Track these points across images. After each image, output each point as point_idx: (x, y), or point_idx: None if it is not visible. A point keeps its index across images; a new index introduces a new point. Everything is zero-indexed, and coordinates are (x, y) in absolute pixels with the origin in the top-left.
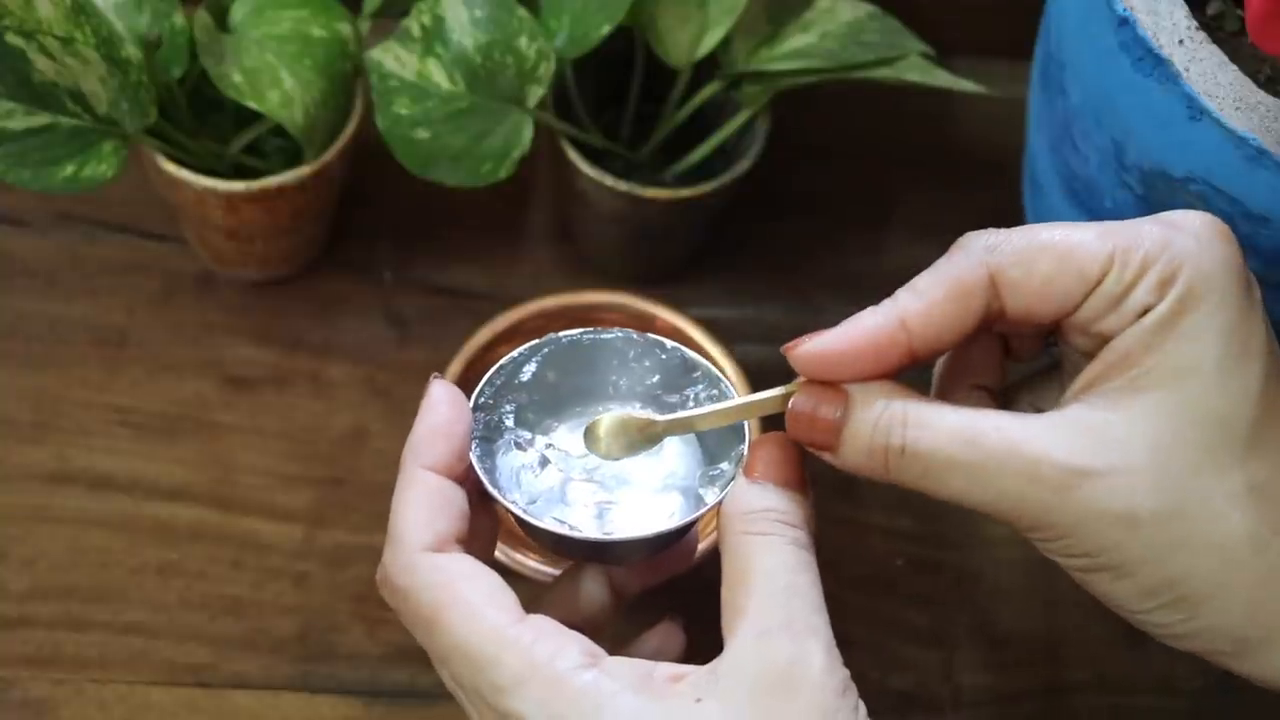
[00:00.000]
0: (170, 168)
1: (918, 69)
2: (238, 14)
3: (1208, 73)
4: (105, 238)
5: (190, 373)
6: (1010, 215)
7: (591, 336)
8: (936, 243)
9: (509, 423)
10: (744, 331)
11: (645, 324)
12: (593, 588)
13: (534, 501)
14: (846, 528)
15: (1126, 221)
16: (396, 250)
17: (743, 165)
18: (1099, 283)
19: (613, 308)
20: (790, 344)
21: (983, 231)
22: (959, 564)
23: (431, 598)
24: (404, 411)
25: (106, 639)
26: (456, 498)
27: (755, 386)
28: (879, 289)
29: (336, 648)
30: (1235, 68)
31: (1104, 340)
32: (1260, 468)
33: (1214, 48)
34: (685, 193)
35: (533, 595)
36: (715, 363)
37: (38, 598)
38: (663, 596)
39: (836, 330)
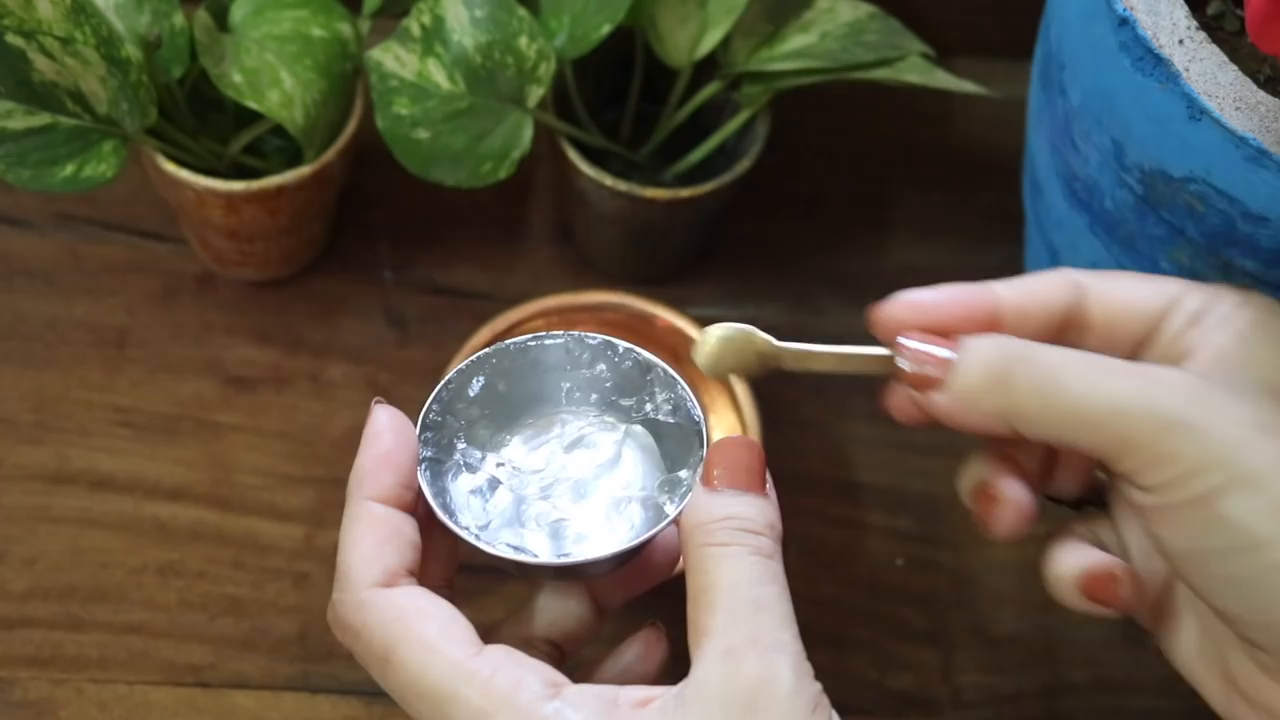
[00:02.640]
0: (170, 168)
1: (918, 69)
2: (238, 14)
3: (1208, 73)
4: (105, 238)
5: (190, 373)
6: (1010, 215)
7: (538, 342)
8: (936, 243)
9: (459, 442)
10: None
11: (645, 324)
12: (571, 604)
13: (487, 525)
14: (846, 528)
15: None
16: (396, 250)
17: (743, 165)
18: (1178, 300)
19: (613, 308)
20: (881, 302)
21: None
22: (958, 564)
23: (384, 635)
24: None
25: (106, 639)
26: (405, 528)
27: (755, 386)
28: (879, 289)
29: (336, 648)
30: (1235, 68)
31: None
32: None
33: (1214, 48)
34: (685, 193)
35: (510, 610)
36: None
37: (38, 598)
38: (649, 601)
39: (922, 289)
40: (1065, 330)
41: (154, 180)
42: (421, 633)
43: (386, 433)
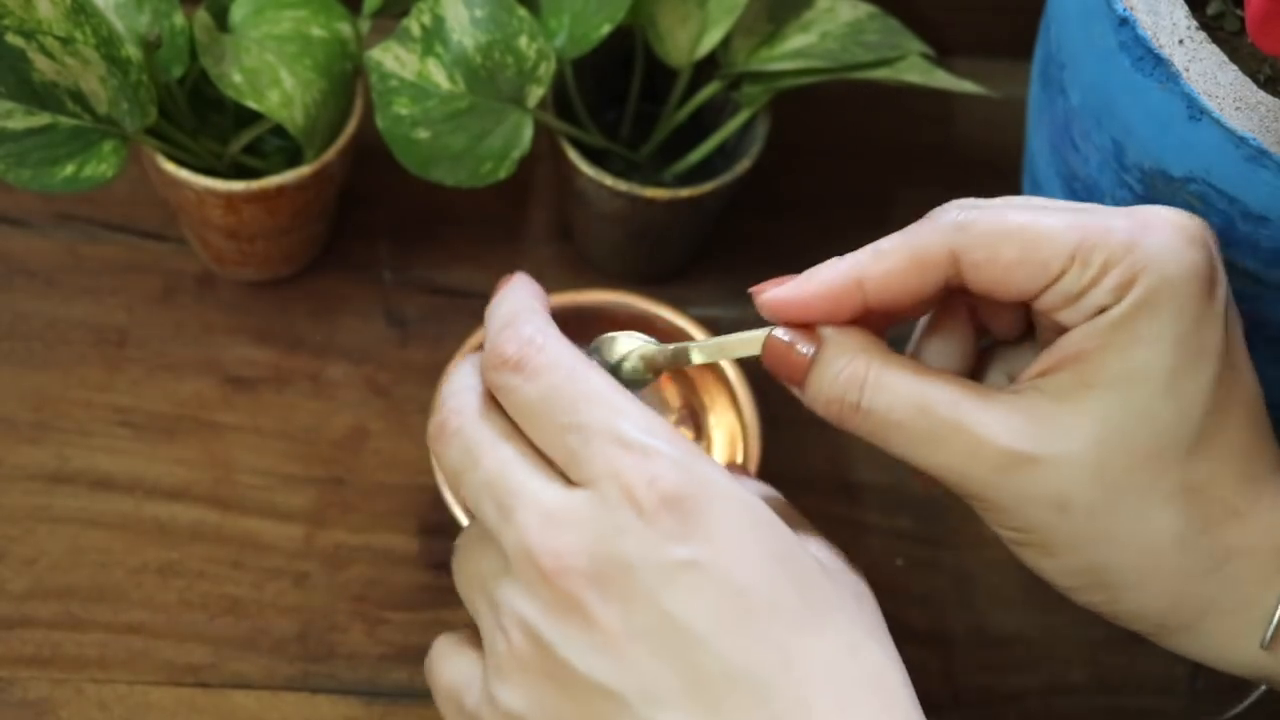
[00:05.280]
0: (170, 168)
1: (918, 69)
2: (238, 14)
3: (1208, 73)
4: (105, 238)
5: (190, 373)
6: None
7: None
8: None
9: None
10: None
11: (645, 324)
12: None
13: None
14: (846, 528)
15: (1099, 210)
16: (396, 250)
17: (743, 165)
18: (1060, 277)
19: (613, 307)
20: (757, 287)
21: (956, 204)
22: (958, 564)
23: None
24: (404, 411)
25: (106, 639)
26: None
27: (756, 386)
28: None
29: (336, 648)
30: (1235, 68)
31: (1063, 329)
32: (1199, 467)
33: (1214, 48)
34: (685, 193)
35: None
36: (717, 363)
37: (38, 598)
38: None
39: (798, 279)
40: (947, 298)
41: (154, 180)
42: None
43: (522, 284)
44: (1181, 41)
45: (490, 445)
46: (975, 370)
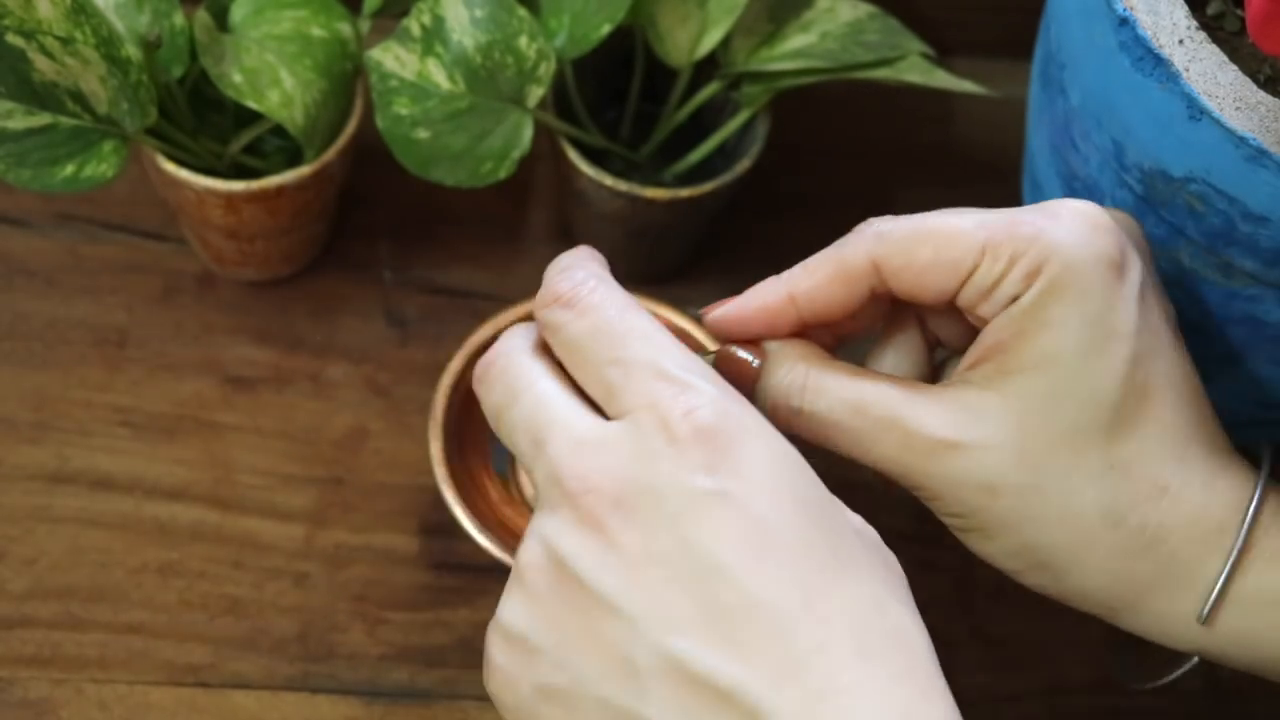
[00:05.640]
0: (170, 168)
1: (918, 69)
2: (238, 14)
3: (1208, 73)
4: (105, 238)
5: (190, 373)
6: None
7: None
8: None
9: None
10: None
11: None
12: None
13: None
14: None
15: (1009, 211)
16: (396, 250)
17: (743, 165)
18: (972, 273)
19: None
20: (704, 309)
21: (879, 218)
22: (958, 564)
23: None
24: (404, 411)
25: (106, 639)
26: None
27: None
28: None
29: (336, 648)
30: (1235, 68)
31: (985, 323)
32: (1122, 446)
33: (1214, 48)
34: (685, 193)
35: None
36: None
37: (38, 598)
38: None
39: (738, 299)
40: (877, 299)
41: (154, 180)
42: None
43: (586, 248)
44: (1181, 41)
45: (532, 381)
46: (932, 381)
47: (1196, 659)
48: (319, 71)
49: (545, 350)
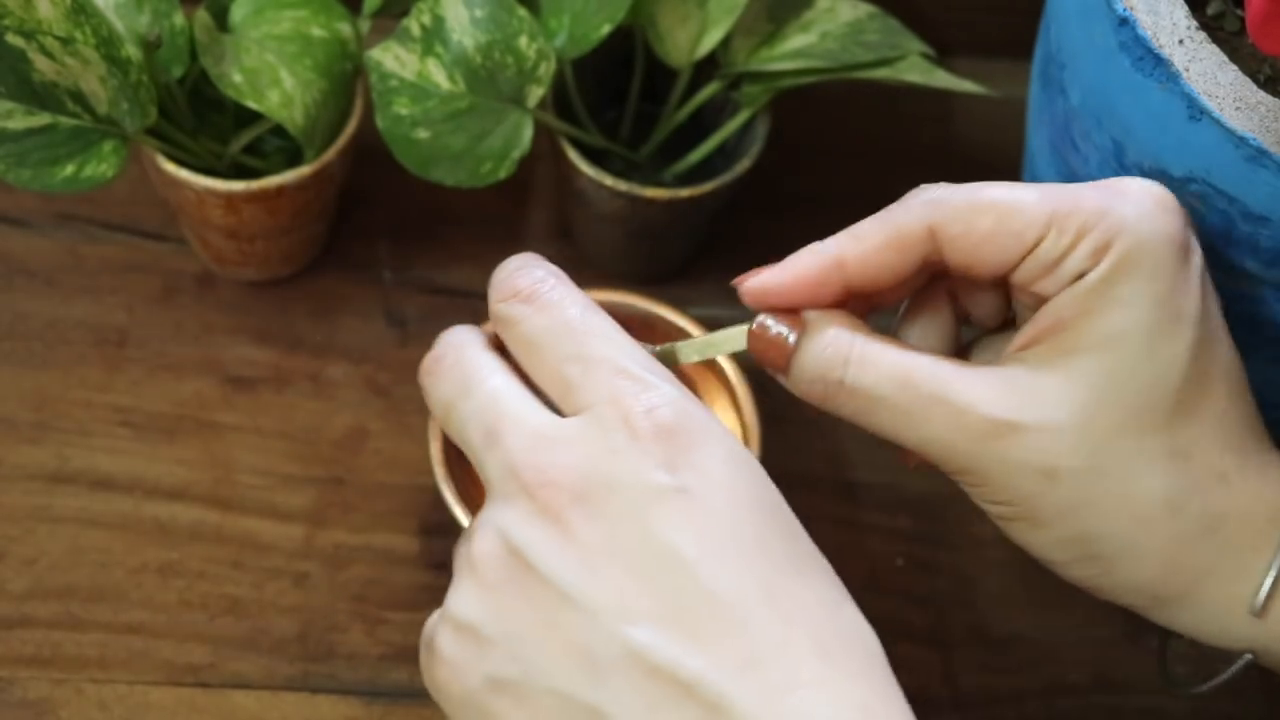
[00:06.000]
0: (170, 168)
1: (918, 69)
2: (238, 14)
3: (1208, 73)
4: (105, 238)
5: (190, 373)
6: None
7: None
8: None
9: None
10: None
11: (646, 324)
12: None
13: None
14: (846, 528)
15: (1071, 185)
16: (396, 250)
17: (743, 165)
18: (1036, 245)
19: (613, 307)
20: (739, 278)
21: (933, 185)
22: (958, 564)
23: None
24: (404, 411)
25: (106, 639)
26: None
27: (756, 385)
28: None
29: (336, 648)
30: (1235, 68)
31: (1042, 300)
32: (1183, 432)
33: (1214, 48)
34: (685, 193)
35: None
36: (716, 362)
37: (38, 598)
38: None
39: (779, 266)
40: (927, 277)
41: (154, 180)
42: None
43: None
44: (1181, 41)
45: (485, 374)
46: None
47: (1248, 657)
48: (319, 71)
49: (496, 347)
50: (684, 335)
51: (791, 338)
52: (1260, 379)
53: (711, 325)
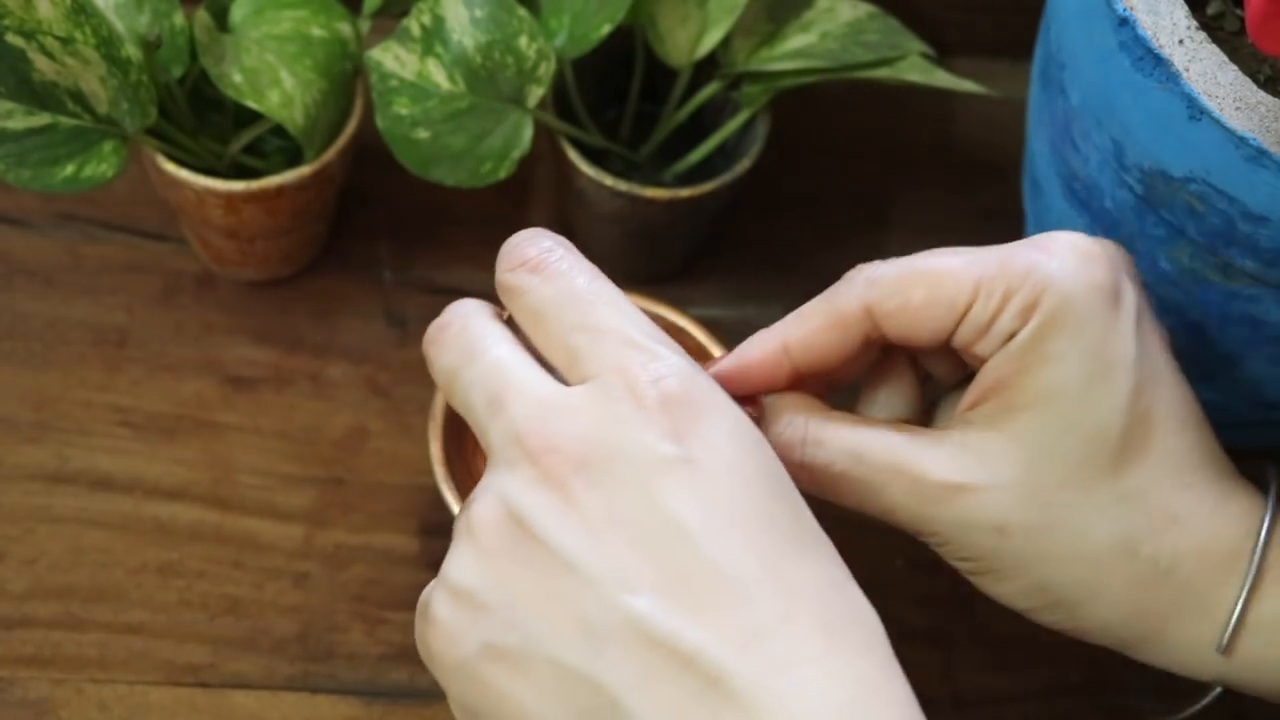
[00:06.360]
0: (170, 168)
1: (918, 69)
2: (238, 14)
3: (1208, 73)
4: (105, 238)
5: (190, 373)
6: (1010, 215)
7: None
8: (936, 242)
9: None
10: (744, 331)
11: None
12: None
13: None
14: (846, 528)
15: (998, 248)
16: (396, 250)
17: (743, 165)
18: (967, 310)
19: None
20: (705, 366)
21: (868, 264)
22: None
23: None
24: (404, 411)
25: (106, 639)
26: None
27: None
28: None
29: (336, 648)
30: (1235, 68)
31: (983, 361)
32: (1130, 476)
33: (1214, 48)
34: (685, 193)
35: None
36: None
37: (38, 598)
38: None
39: (734, 355)
40: (870, 345)
41: (154, 180)
42: None
43: None
44: (1181, 41)
45: (490, 343)
46: (924, 418)
47: (1218, 690)
48: (319, 71)
49: (501, 318)
50: (684, 335)
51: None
52: (1260, 379)
53: (711, 325)
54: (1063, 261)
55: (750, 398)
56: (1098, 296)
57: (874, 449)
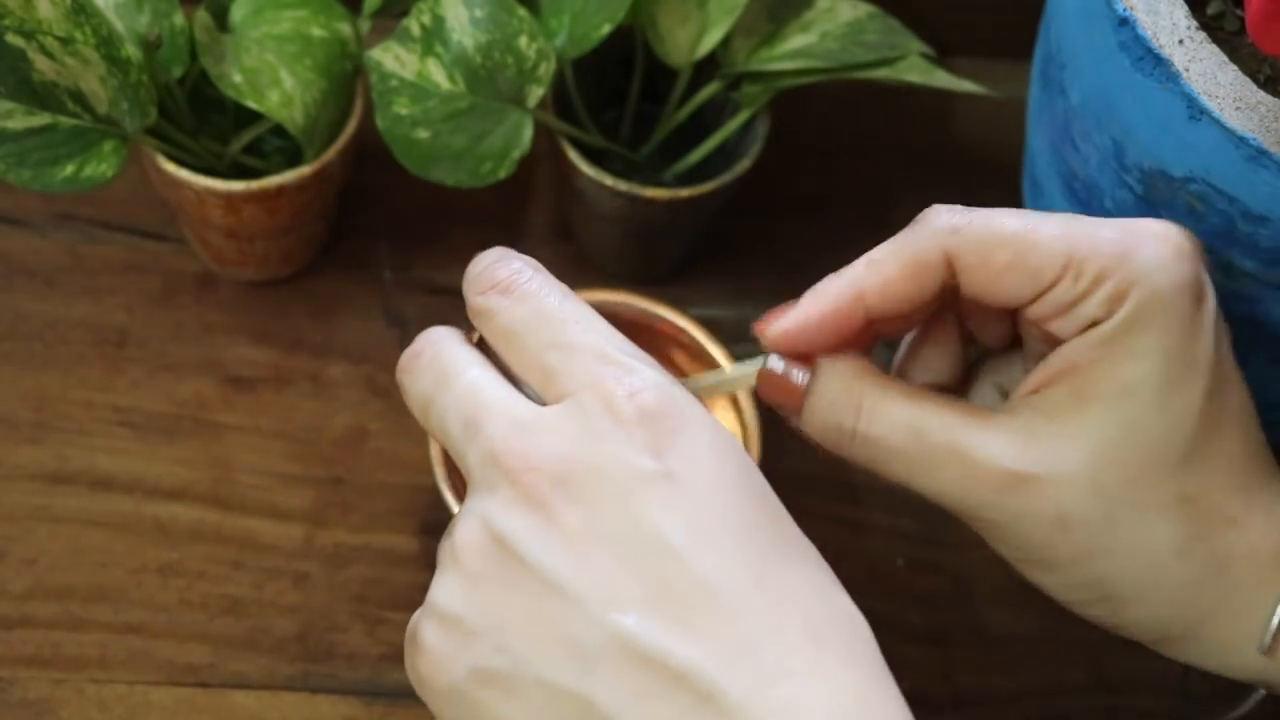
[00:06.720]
0: (170, 168)
1: (918, 69)
2: (238, 14)
3: (1208, 73)
4: (105, 238)
5: (190, 373)
6: None
7: None
8: None
9: None
10: (744, 331)
11: (646, 324)
12: None
13: None
14: (846, 528)
15: (1090, 222)
16: (396, 250)
17: (743, 165)
18: (1052, 286)
19: (613, 307)
20: (761, 323)
21: (947, 208)
22: (958, 564)
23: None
24: (404, 411)
25: (106, 639)
26: None
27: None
28: None
29: (336, 648)
30: (1235, 68)
31: (1053, 338)
32: (1193, 479)
33: (1214, 48)
34: (685, 193)
35: None
36: (715, 363)
37: (38, 598)
38: None
39: (798, 307)
40: (944, 304)
41: (154, 180)
42: None
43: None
44: (1181, 41)
45: (463, 367)
46: (963, 381)
47: (1261, 693)
48: (319, 71)
49: (474, 343)
50: (684, 335)
51: (803, 382)
52: (1260, 379)
53: (711, 325)
54: (1158, 254)
55: (805, 355)
56: (1187, 296)
57: (934, 426)
